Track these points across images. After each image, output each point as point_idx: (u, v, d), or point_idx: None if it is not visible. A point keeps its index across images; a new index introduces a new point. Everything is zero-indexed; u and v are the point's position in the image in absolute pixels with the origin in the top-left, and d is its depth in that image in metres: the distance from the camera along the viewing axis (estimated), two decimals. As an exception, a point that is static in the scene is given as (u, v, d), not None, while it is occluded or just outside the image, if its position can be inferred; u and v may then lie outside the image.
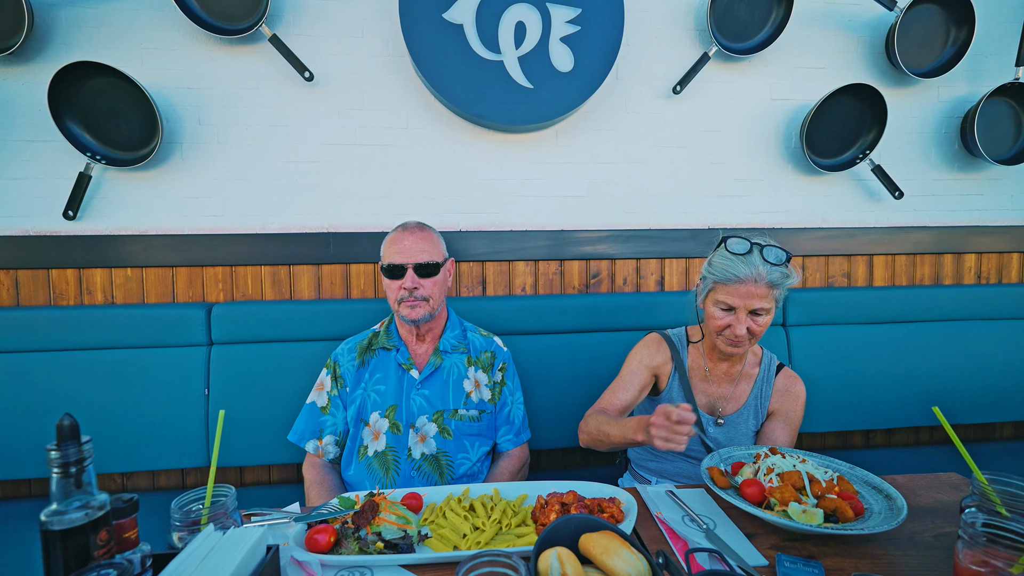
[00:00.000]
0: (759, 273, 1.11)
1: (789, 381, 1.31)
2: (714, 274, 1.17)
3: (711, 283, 1.19)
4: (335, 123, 1.79)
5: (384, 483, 1.29)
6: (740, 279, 1.12)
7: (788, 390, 1.30)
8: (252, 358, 1.62)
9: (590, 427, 1.24)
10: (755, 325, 1.15)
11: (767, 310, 1.14)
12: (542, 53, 1.76)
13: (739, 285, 1.12)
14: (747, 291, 1.12)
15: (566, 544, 0.73)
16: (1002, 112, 2.02)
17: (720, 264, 1.16)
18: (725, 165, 1.99)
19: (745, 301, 1.13)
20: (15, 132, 1.64)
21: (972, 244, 2.12)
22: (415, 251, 1.30)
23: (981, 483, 0.82)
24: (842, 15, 1.97)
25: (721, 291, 1.16)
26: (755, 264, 1.11)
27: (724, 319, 1.17)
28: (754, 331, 1.16)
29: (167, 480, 1.77)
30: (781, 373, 1.32)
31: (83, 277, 1.72)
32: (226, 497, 0.79)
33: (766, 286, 1.12)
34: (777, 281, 1.12)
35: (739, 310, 1.14)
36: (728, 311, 1.16)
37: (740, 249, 1.14)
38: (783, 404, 1.30)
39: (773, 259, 1.12)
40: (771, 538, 0.89)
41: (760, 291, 1.12)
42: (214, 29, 1.63)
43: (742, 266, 1.12)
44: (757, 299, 1.12)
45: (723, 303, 1.16)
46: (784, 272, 1.13)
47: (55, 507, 0.62)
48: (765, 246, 1.14)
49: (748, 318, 1.14)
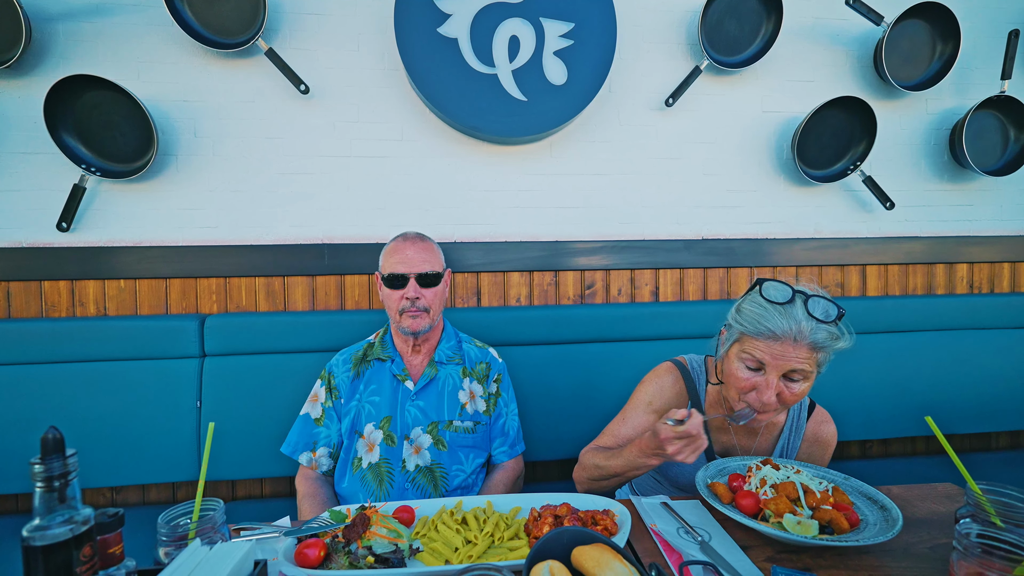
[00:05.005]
0: (800, 330, 0.89)
1: (821, 428, 1.12)
2: (743, 324, 0.95)
3: (738, 334, 0.97)
4: (330, 135, 1.80)
5: (378, 495, 1.28)
6: (775, 335, 0.90)
7: (818, 438, 1.11)
8: (245, 370, 1.61)
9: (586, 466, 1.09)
10: (788, 392, 0.92)
11: (806, 375, 0.91)
12: (536, 66, 1.78)
13: (773, 342, 0.90)
14: (783, 350, 0.90)
15: (559, 557, 0.72)
16: (989, 124, 2.05)
17: (752, 313, 0.94)
18: (718, 176, 2.00)
19: (779, 361, 0.90)
20: (10, 144, 1.65)
21: (964, 254, 2.13)
22: (417, 261, 1.30)
23: (976, 494, 0.81)
24: (830, 30, 2.01)
25: (750, 345, 0.93)
26: (797, 319, 0.90)
27: (750, 379, 0.94)
28: (785, 399, 0.93)
29: (157, 494, 1.75)
30: (812, 417, 1.11)
31: (76, 289, 1.71)
32: (214, 511, 0.78)
33: (808, 348, 0.89)
34: (823, 343, 0.89)
35: (770, 370, 0.91)
36: (756, 371, 0.94)
37: (780, 297, 0.92)
38: (811, 455, 1.12)
39: (821, 315, 0.90)
40: (766, 550, 0.88)
41: (800, 353, 0.89)
42: (210, 43, 1.64)
43: (779, 319, 0.90)
44: (795, 361, 0.90)
45: (750, 359, 0.94)
46: (833, 333, 0.90)
47: (38, 522, 0.61)
48: (811, 296, 0.92)
49: (780, 382, 0.92)
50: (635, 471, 1.00)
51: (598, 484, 1.10)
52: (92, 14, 1.66)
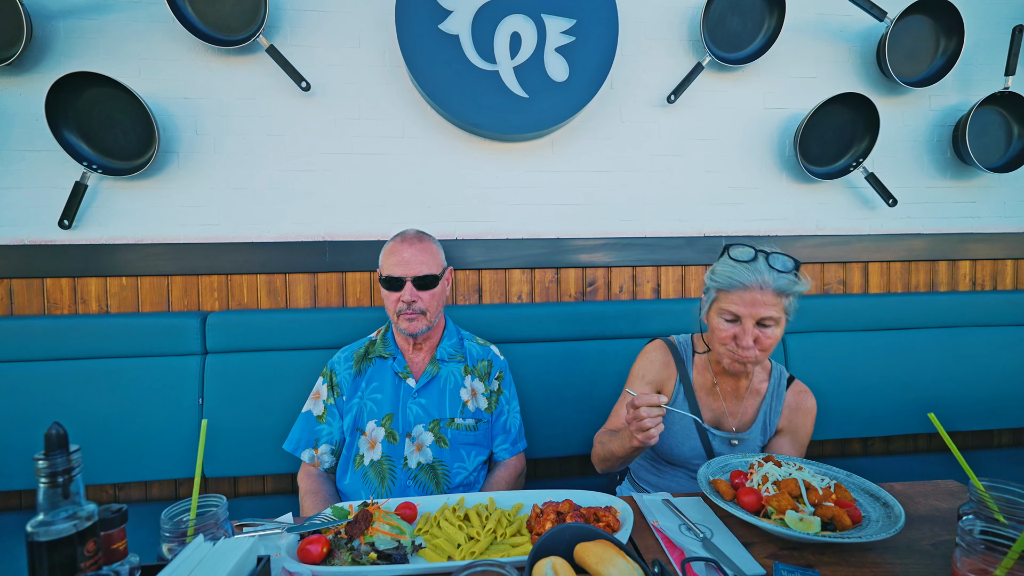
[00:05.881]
0: (765, 280, 1.05)
1: (800, 397, 1.25)
2: (717, 282, 1.11)
3: (714, 292, 1.13)
4: (331, 133, 1.79)
5: (380, 492, 1.28)
6: (745, 286, 1.06)
7: (798, 406, 1.24)
8: (247, 367, 1.61)
9: (597, 450, 1.20)
10: (763, 337, 1.07)
11: (776, 320, 1.07)
12: (537, 63, 1.77)
13: (744, 292, 1.06)
14: (752, 298, 1.06)
15: (561, 554, 0.72)
16: (993, 120, 2.04)
17: (723, 271, 1.10)
18: (720, 173, 2.00)
19: (751, 310, 1.06)
20: (11, 142, 1.65)
21: (966, 251, 2.13)
22: (414, 263, 1.29)
23: (978, 490, 0.81)
24: (833, 26, 2.00)
25: (725, 300, 1.10)
26: (761, 271, 1.06)
27: (729, 330, 1.10)
28: (763, 344, 1.08)
29: (160, 491, 1.75)
30: (791, 387, 1.25)
31: (78, 286, 1.71)
32: (216, 507, 0.78)
33: (773, 293, 1.05)
34: (785, 288, 1.06)
35: (745, 319, 1.07)
36: (733, 321, 1.09)
37: (745, 256, 1.09)
38: (792, 421, 1.24)
39: (780, 266, 1.07)
40: (768, 547, 0.88)
41: (767, 298, 1.05)
42: (212, 40, 1.64)
43: (747, 273, 1.06)
44: (764, 307, 1.05)
45: (728, 312, 1.10)
46: (792, 279, 1.07)
47: (42, 518, 0.61)
48: (771, 253, 1.09)
49: (755, 329, 1.07)
50: (630, 452, 1.08)
51: (609, 464, 1.19)
52: (93, 11, 1.66)
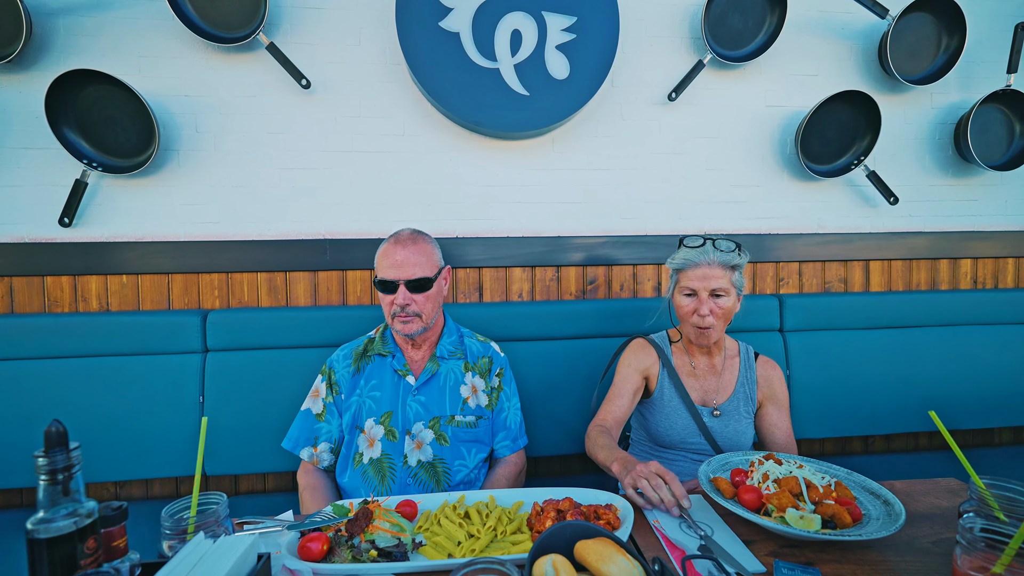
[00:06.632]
0: (711, 258, 1.28)
1: (767, 368, 1.42)
2: (675, 264, 1.34)
3: (676, 275, 1.35)
4: (332, 130, 1.79)
5: (379, 490, 1.28)
6: (696, 263, 1.28)
7: (770, 376, 1.41)
8: (247, 365, 1.61)
9: (588, 445, 1.28)
10: (717, 307, 1.28)
11: (725, 291, 1.28)
12: (538, 61, 1.77)
13: (696, 269, 1.29)
14: (703, 273, 1.28)
15: (562, 551, 0.72)
16: (995, 118, 2.04)
17: (680, 256, 1.33)
18: (721, 171, 1.99)
19: (704, 283, 1.27)
20: (11, 139, 1.65)
21: (968, 249, 2.12)
22: (407, 266, 1.28)
23: (979, 488, 0.81)
24: (835, 23, 1.99)
25: (683, 278, 1.31)
26: (708, 251, 1.28)
27: (690, 304, 1.31)
28: (717, 313, 1.28)
29: (161, 489, 1.75)
30: (759, 360, 1.43)
31: (78, 284, 1.71)
32: (217, 505, 0.78)
33: (720, 267, 1.27)
34: (728, 261, 1.28)
35: (700, 292, 1.28)
36: (691, 296, 1.30)
37: (694, 243, 1.32)
38: (770, 390, 1.40)
39: (723, 247, 1.29)
40: (769, 544, 0.88)
41: (715, 272, 1.27)
42: (212, 37, 1.63)
43: (697, 254, 1.29)
44: (714, 279, 1.27)
45: (686, 288, 1.31)
46: (734, 255, 1.29)
47: (42, 515, 0.61)
48: (717, 239, 1.31)
49: (710, 300, 1.28)
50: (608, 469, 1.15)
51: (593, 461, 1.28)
52: (93, 9, 1.65)
